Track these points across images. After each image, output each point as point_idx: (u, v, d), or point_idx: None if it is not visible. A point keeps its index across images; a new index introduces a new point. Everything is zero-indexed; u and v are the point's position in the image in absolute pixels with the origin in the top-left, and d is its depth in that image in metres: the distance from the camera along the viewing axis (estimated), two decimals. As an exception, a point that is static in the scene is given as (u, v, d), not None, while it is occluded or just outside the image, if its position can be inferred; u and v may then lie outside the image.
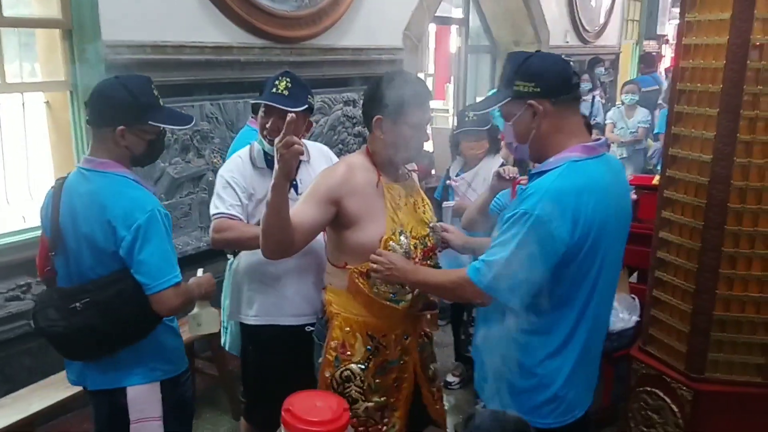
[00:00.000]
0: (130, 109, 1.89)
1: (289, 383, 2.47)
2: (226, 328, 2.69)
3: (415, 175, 2.17)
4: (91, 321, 1.87)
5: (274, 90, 2.27)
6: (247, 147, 2.44)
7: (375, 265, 1.84)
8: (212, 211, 2.36)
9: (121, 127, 1.89)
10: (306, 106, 2.33)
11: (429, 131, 2.04)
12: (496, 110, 1.86)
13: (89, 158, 1.95)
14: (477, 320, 2.02)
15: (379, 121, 1.91)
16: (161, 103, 2.01)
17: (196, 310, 2.23)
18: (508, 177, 2.41)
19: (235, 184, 2.33)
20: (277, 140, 1.65)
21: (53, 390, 2.81)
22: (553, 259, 1.60)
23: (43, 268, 2.02)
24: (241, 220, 2.32)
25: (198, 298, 2.16)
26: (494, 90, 5.07)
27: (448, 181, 3.51)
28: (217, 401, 3.55)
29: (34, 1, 3.26)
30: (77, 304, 1.87)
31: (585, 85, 7.55)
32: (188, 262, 3.88)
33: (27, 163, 3.36)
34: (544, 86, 1.67)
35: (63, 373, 2.92)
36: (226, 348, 2.73)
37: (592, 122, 6.48)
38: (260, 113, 2.33)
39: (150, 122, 1.93)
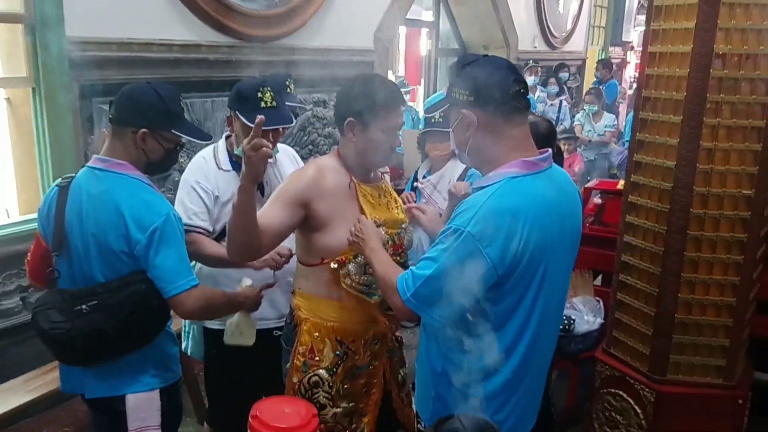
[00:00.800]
0: (158, 114, 1.89)
1: (253, 388, 2.46)
2: (188, 333, 2.64)
3: (387, 177, 2.16)
4: (97, 324, 1.83)
5: (263, 105, 2.20)
6: (211, 147, 2.39)
7: (353, 228, 1.83)
8: None
9: (144, 129, 1.88)
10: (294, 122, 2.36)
11: (400, 135, 2.02)
12: None
13: (103, 158, 1.92)
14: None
15: (352, 123, 1.89)
16: (185, 116, 2.01)
17: (238, 318, 2.20)
18: (459, 195, 2.33)
19: (200, 189, 2.28)
20: (245, 142, 1.62)
21: (13, 394, 2.74)
22: (482, 280, 1.50)
23: (41, 270, 1.98)
24: (205, 229, 2.28)
25: (246, 309, 2.17)
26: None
27: (415, 183, 3.51)
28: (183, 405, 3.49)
29: (-5, -5, 3.18)
30: (83, 307, 1.83)
31: (552, 89, 7.66)
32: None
33: (-14, 160, 3.27)
34: (479, 96, 1.57)
35: (22, 377, 2.87)
36: (188, 353, 2.66)
37: (560, 127, 6.59)
38: (237, 118, 2.25)
39: (173, 130, 1.92)
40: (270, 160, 2.34)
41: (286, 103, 2.93)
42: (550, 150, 1.65)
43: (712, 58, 2.17)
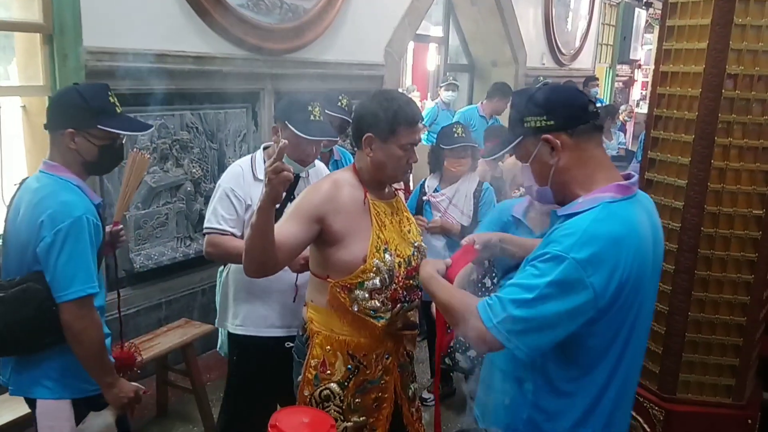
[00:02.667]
0: (80, 112, 1.92)
1: (273, 394, 2.48)
2: (222, 331, 2.72)
3: (401, 194, 2.17)
4: None
5: (312, 117, 2.33)
6: (249, 157, 2.48)
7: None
8: (206, 224, 2.39)
9: (70, 129, 1.92)
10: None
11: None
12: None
13: (45, 161, 1.98)
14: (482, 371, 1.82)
15: (370, 139, 1.91)
16: (118, 111, 2.01)
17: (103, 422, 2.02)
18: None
19: (233, 196, 2.35)
20: (267, 164, 1.63)
21: (20, 402, 2.73)
22: (581, 312, 1.39)
23: None
24: (231, 233, 2.34)
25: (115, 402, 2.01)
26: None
27: (425, 197, 3.53)
28: (189, 415, 3.49)
29: (14, 4, 3.22)
30: None
31: None
32: (163, 272, 3.85)
33: (1, 168, 3.29)
34: (558, 117, 1.49)
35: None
36: (219, 350, 2.76)
37: None
38: (285, 129, 2.34)
39: (99, 126, 1.94)
40: (302, 175, 2.45)
41: (337, 115, 3.19)
42: (636, 174, 1.57)
43: (724, 78, 2.19)
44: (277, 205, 1.69)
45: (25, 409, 2.51)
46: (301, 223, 1.85)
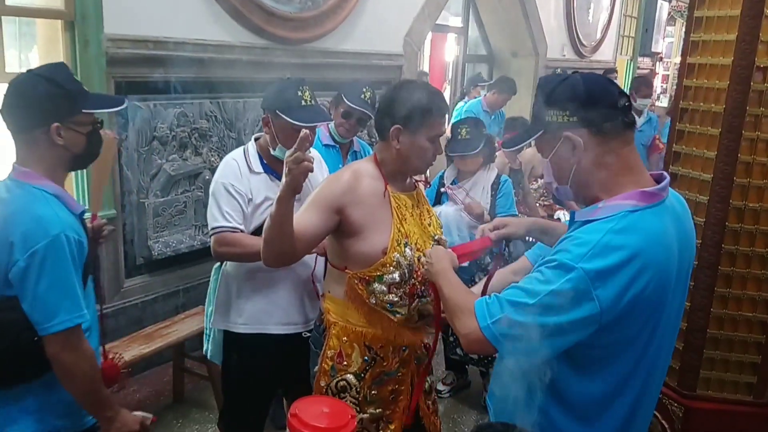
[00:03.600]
0: (59, 102, 1.64)
1: (272, 393, 2.46)
2: (208, 336, 2.59)
3: (421, 186, 2.15)
4: None
5: (303, 103, 2.23)
6: (241, 149, 2.39)
7: (423, 258, 1.81)
8: (211, 224, 2.28)
9: (55, 124, 1.64)
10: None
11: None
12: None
13: (15, 165, 1.69)
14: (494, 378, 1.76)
15: (397, 130, 1.87)
16: (86, 89, 1.76)
17: None
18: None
19: (234, 191, 2.27)
20: (288, 154, 1.62)
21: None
22: (585, 325, 1.32)
23: None
24: (240, 229, 2.26)
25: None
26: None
27: (443, 189, 3.51)
28: (205, 402, 3.52)
29: (36, -9, 3.24)
30: None
31: None
32: (181, 260, 3.87)
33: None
34: (582, 114, 1.39)
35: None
36: (208, 356, 2.61)
37: None
38: (276, 118, 2.24)
39: (84, 110, 1.69)
40: None
41: (359, 108, 3.06)
42: (667, 176, 1.46)
43: (753, 71, 2.14)
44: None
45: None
46: (320, 213, 1.84)
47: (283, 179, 1.63)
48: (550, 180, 1.51)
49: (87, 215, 1.88)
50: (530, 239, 1.98)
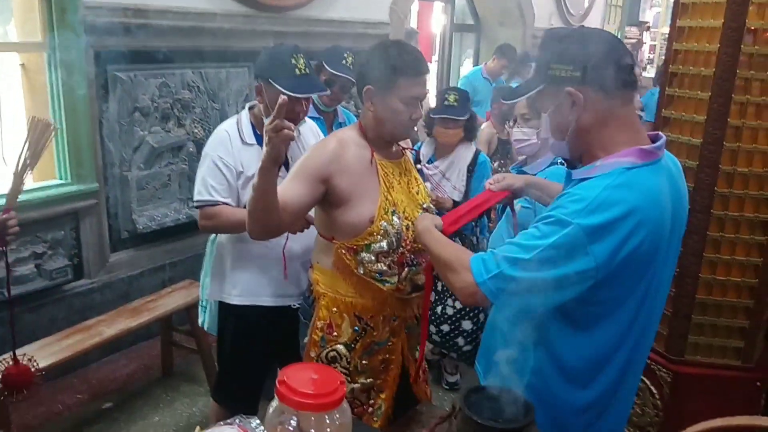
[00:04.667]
0: None
1: (267, 364, 2.45)
2: (205, 308, 2.59)
3: (409, 153, 2.10)
4: None
5: (297, 72, 2.14)
6: (234, 119, 2.33)
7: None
8: (196, 196, 2.25)
9: None
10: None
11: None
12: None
13: None
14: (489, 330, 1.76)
15: (369, 91, 1.83)
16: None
17: None
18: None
19: (222, 164, 2.22)
20: (267, 122, 1.57)
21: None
22: (581, 280, 1.33)
23: None
24: (225, 203, 2.22)
25: None
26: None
27: (418, 165, 3.37)
28: (195, 375, 3.51)
29: (10, -42, 3.13)
30: None
31: None
32: (167, 234, 3.83)
33: (0, 127, 3.25)
34: (587, 70, 1.36)
35: (36, 344, 2.88)
36: (205, 328, 2.62)
37: None
38: (269, 87, 2.17)
39: None
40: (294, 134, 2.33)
41: (342, 75, 2.97)
42: (663, 136, 1.46)
43: (744, 33, 2.11)
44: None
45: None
46: (305, 183, 1.80)
47: (264, 148, 1.58)
48: (547, 135, 1.51)
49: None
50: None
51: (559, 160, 2.28)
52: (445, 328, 3.06)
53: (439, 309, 3.07)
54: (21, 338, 3.04)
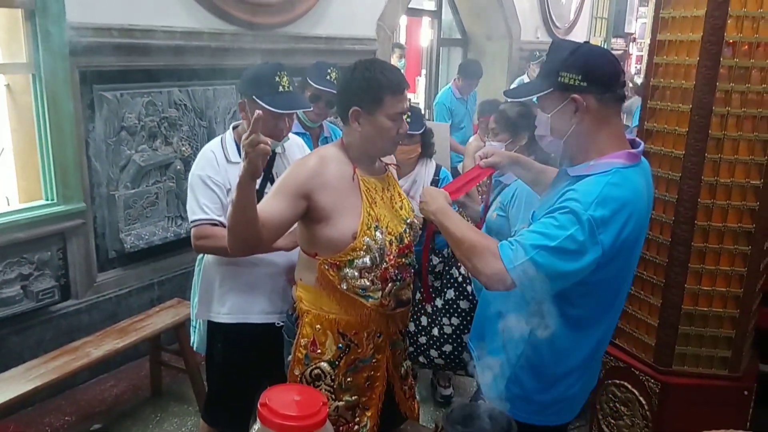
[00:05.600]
0: None
1: (256, 382, 2.42)
2: (195, 328, 2.57)
3: (392, 169, 2.11)
4: None
5: (280, 89, 2.18)
6: (218, 139, 2.34)
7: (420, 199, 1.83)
8: (191, 216, 2.25)
9: None
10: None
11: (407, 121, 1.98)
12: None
13: None
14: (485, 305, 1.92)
15: (356, 113, 1.85)
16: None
17: None
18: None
19: (212, 183, 2.22)
20: (243, 137, 1.57)
21: (13, 383, 2.72)
22: (589, 265, 1.51)
23: None
24: (221, 222, 2.21)
25: None
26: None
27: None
28: (184, 395, 3.48)
29: (-6, -20, 3.13)
30: None
31: None
32: (155, 252, 3.81)
33: (-15, 148, 3.24)
34: (592, 81, 1.56)
35: (23, 366, 2.85)
36: (195, 348, 2.60)
37: None
38: (253, 104, 2.18)
39: None
40: (278, 150, 2.33)
41: (326, 89, 2.99)
42: (642, 142, 1.69)
43: (723, 46, 2.14)
44: (257, 185, 1.63)
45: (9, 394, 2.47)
46: (286, 199, 1.80)
47: (241, 164, 1.59)
48: (545, 133, 1.67)
49: None
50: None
51: None
52: (448, 348, 3.06)
53: (435, 330, 3.08)
54: (7, 360, 3.04)
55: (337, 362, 1.91)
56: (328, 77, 3.02)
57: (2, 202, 3.31)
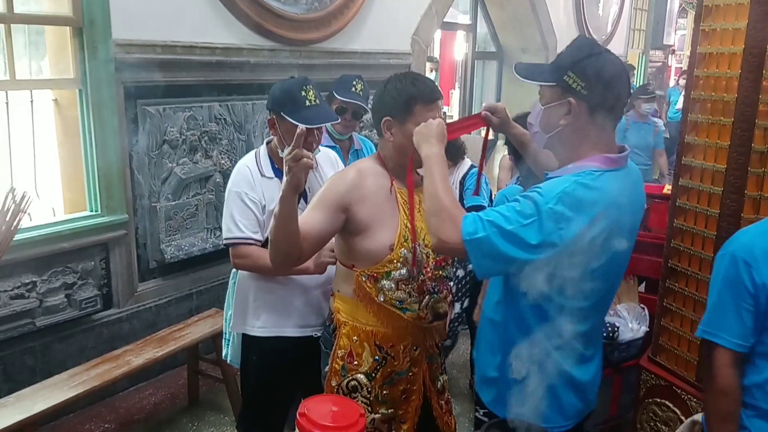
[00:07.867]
0: None
1: (290, 395, 2.44)
2: (228, 340, 2.59)
3: None
4: None
5: (307, 103, 2.20)
6: (253, 154, 2.37)
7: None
8: (226, 234, 2.28)
9: None
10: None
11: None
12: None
13: None
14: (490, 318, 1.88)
15: (388, 122, 1.87)
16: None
17: None
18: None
19: (248, 199, 2.25)
20: (286, 152, 1.61)
21: (56, 390, 2.79)
22: (536, 255, 1.49)
23: None
24: (257, 241, 2.25)
25: None
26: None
27: None
28: (220, 405, 3.53)
29: (45, -1, 3.26)
30: None
31: None
32: (194, 263, 3.88)
33: (34, 161, 3.35)
34: (594, 93, 1.54)
35: (66, 374, 2.93)
36: (228, 360, 2.61)
37: None
38: (282, 120, 2.22)
39: None
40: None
41: (352, 101, 3.03)
42: (629, 149, 1.68)
43: (765, 58, 2.10)
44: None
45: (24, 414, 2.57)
46: (326, 212, 1.83)
47: (284, 178, 1.62)
48: (534, 124, 1.69)
49: None
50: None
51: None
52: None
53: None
54: (51, 367, 3.12)
55: (373, 374, 1.92)
56: (353, 89, 3.07)
57: (48, 213, 3.40)
